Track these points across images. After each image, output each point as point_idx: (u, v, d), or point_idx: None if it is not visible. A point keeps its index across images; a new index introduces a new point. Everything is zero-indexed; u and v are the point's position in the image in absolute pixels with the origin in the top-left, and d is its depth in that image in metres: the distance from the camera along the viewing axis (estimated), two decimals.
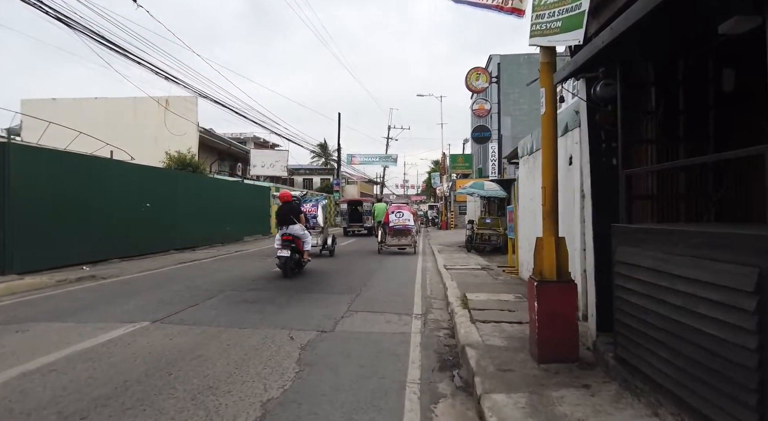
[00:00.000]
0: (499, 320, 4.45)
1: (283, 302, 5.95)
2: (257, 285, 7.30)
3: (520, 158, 7.28)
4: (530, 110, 34.75)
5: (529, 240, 6.63)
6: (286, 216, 8.48)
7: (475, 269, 9.01)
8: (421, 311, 5.51)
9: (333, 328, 4.66)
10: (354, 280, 7.90)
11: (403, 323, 4.91)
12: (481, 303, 5.31)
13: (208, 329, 4.59)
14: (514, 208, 8.54)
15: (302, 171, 45.59)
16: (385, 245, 13.14)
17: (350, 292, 6.71)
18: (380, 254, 12.87)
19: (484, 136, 17.65)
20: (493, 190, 13.19)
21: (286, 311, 5.43)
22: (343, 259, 11.93)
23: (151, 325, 4.77)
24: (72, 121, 17.11)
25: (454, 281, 7.30)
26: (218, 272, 9.07)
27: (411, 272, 9.06)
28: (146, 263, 10.37)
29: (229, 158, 29.61)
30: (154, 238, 12.29)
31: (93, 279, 8.10)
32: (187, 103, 22.13)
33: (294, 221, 8.42)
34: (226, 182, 18.53)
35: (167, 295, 6.47)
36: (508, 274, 8.14)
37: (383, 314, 5.29)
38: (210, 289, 6.91)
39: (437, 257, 11.33)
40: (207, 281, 7.80)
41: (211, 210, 15.48)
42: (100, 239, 10.40)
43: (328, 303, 5.88)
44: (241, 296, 6.31)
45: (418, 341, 4.25)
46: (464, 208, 28.90)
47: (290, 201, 8.76)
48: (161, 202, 12.69)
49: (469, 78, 16.31)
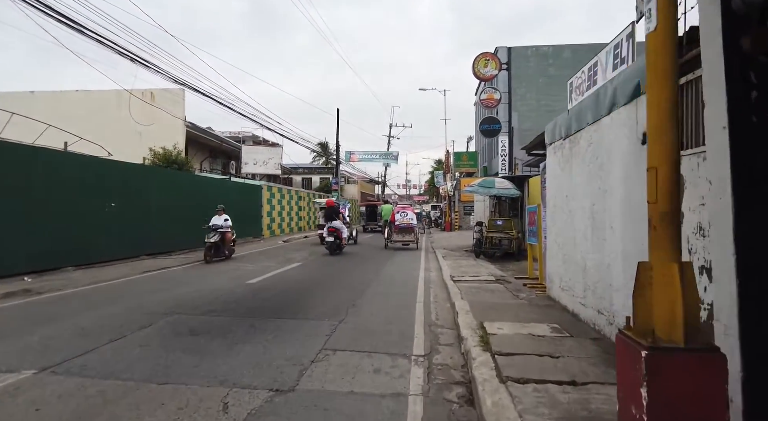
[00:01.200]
0: (543, 378, 2.94)
1: (240, 333, 4.47)
2: (218, 304, 5.82)
3: (548, 145, 5.78)
4: (538, 106, 33.19)
5: (563, 249, 5.13)
6: (329, 215, 13.04)
7: (488, 281, 7.50)
8: (423, 349, 4.01)
9: (295, 384, 3.18)
10: (342, 295, 6.41)
11: (398, 373, 3.41)
12: (507, 341, 3.81)
13: (110, 386, 3.12)
14: (537, 208, 7.03)
15: (301, 170, 44.10)
16: (391, 241, 14.51)
17: (333, 315, 5.22)
18: (386, 249, 14.33)
19: (494, 128, 16.11)
20: (505, 188, 11.67)
21: (238, 349, 3.94)
22: (343, 259, 10.49)
23: (33, 377, 3.30)
24: (50, 115, 15.76)
25: (465, 299, 5.81)
26: (181, 284, 7.59)
27: (412, 285, 7.56)
28: (105, 272, 8.92)
29: (221, 156, 28.17)
30: (122, 242, 10.81)
31: (25, 294, 6.65)
32: (174, 96, 20.70)
33: (335, 218, 12.96)
34: (210, 180, 17.06)
35: (95, 320, 5.00)
36: (531, 289, 6.64)
37: (371, 356, 3.79)
38: (155, 311, 5.44)
39: (442, 265, 9.83)
40: (159, 298, 6.33)
41: (192, 211, 13.96)
42: (51, 243, 8.96)
43: (299, 335, 4.39)
44: (189, 324, 4.83)
45: (420, 413, 2.76)
46: (469, 208, 27.38)
47: (333, 205, 13.73)
48: (130, 201, 11.22)
49: (477, 64, 14.75)
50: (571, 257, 4.84)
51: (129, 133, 20.18)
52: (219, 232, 10.91)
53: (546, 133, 5.95)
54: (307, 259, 11.67)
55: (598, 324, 4.03)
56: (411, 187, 73.34)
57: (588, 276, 4.33)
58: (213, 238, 10.73)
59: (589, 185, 4.26)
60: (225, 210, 11.43)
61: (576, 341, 3.81)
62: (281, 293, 6.72)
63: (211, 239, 10.63)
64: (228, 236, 11.24)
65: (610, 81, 3.73)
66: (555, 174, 5.50)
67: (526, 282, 7.20)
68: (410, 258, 12.04)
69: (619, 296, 3.61)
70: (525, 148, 9.03)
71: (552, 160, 5.63)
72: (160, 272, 9.22)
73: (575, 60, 31.18)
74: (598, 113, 4.00)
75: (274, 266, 10.08)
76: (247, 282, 7.70)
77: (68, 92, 21.56)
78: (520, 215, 12.34)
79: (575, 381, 2.87)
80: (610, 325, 3.77)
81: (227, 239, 11.21)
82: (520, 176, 13.09)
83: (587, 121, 4.29)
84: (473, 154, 33.47)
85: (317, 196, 31.62)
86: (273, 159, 25.24)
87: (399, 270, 9.53)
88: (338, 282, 7.79)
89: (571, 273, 4.85)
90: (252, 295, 6.53)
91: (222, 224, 11.09)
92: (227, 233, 11.19)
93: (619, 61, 6.79)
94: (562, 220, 5.17)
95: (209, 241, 10.59)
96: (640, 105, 3.22)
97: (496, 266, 9.79)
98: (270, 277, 8.37)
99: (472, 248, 12.57)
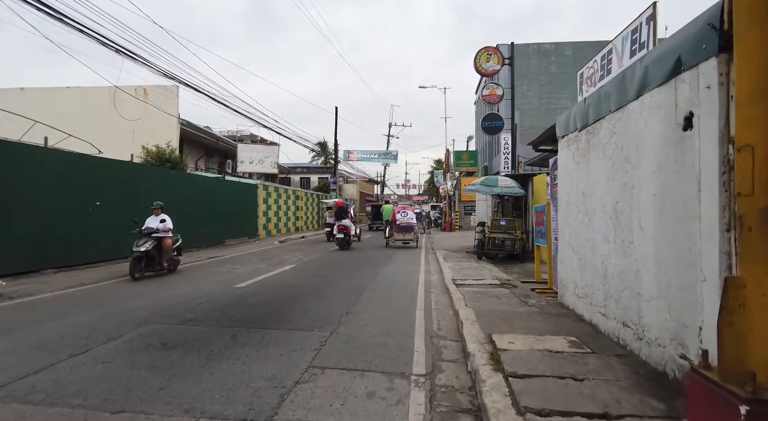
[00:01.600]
0: (569, 409, 2.45)
1: (219, 346, 3.98)
2: (200, 312, 5.32)
3: (561, 139, 5.29)
4: (539, 104, 32.77)
5: (578, 252, 4.64)
6: (340, 214, 14.80)
7: (492, 285, 7.02)
8: (424, 367, 3.52)
9: (273, 413, 2.69)
10: (336, 301, 5.92)
11: (396, 399, 2.93)
12: (521, 359, 3.32)
13: (53, 417, 2.64)
14: (546, 207, 6.54)
15: (299, 169, 43.59)
16: (392, 240, 15.20)
17: (324, 324, 4.73)
18: (387, 247, 14.90)
19: (496, 125, 15.61)
20: (509, 187, 11.17)
21: (213, 367, 3.45)
22: (340, 260, 10.00)
23: None
24: (41, 113, 15.29)
25: (470, 306, 5.32)
26: (166, 288, 7.11)
27: (411, 289, 7.07)
28: (87, 275, 8.43)
29: (217, 155, 27.67)
30: (107, 243, 10.32)
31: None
32: (167, 93, 20.20)
33: (345, 217, 14.64)
34: (204, 179, 16.54)
35: (60, 331, 4.51)
36: (540, 294, 6.15)
37: (365, 376, 3.30)
38: (129, 319, 4.95)
39: (443, 267, 9.34)
40: (139, 304, 5.84)
41: (184, 210, 13.48)
42: (30, 245, 8.48)
43: (284, 349, 3.90)
44: (163, 335, 4.34)
45: None
46: (470, 208, 26.89)
47: (342, 206, 15.41)
48: (117, 200, 10.74)
49: (479, 59, 14.27)
50: (589, 262, 4.36)
51: (122, 130, 19.68)
52: (153, 238, 8.33)
53: (558, 126, 5.46)
54: (302, 260, 11.18)
55: (624, 338, 3.54)
56: (410, 187, 72.93)
57: (610, 283, 3.85)
58: (144, 246, 8.04)
59: (612, 181, 3.78)
60: (164, 208, 8.99)
61: (600, 358, 3.32)
62: (270, 298, 6.22)
63: (140, 247, 8.01)
64: (167, 243, 8.61)
65: (639, 60, 3.25)
66: (568, 170, 5.01)
67: (533, 287, 6.71)
68: (410, 259, 11.56)
69: (650, 307, 3.13)
70: (532, 144, 8.54)
71: (565, 154, 5.14)
72: (147, 274, 8.72)
73: (577, 57, 30.75)
74: (624, 98, 3.52)
75: (266, 268, 9.59)
76: (235, 286, 7.21)
77: (60, 89, 21.05)
78: (524, 215, 11.86)
79: (608, 414, 2.38)
80: (638, 340, 3.28)
81: (166, 247, 8.57)
82: (523, 175, 12.60)
83: (609, 109, 3.81)
84: (474, 153, 32.99)
85: (321, 196, 31.20)
86: (269, 158, 24.73)
87: (398, 272, 9.04)
88: (333, 286, 7.30)
89: (589, 279, 4.37)
90: (238, 300, 6.04)
91: (158, 226, 8.52)
92: (166, 239, 8.59)
93: (637, 47, 6.33)
94: (578, 220, 4.68)
95: (137, 250, 7.99)
96: (680, 85, 2.74)
97: (499, 268, 9.30)
98: (260, 280, 7.88)
99: (473, 249, 12.09)
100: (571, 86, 31.03)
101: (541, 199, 9.85)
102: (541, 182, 10.36)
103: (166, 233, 8.61)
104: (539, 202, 9.57)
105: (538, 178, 10.75)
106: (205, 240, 14.72)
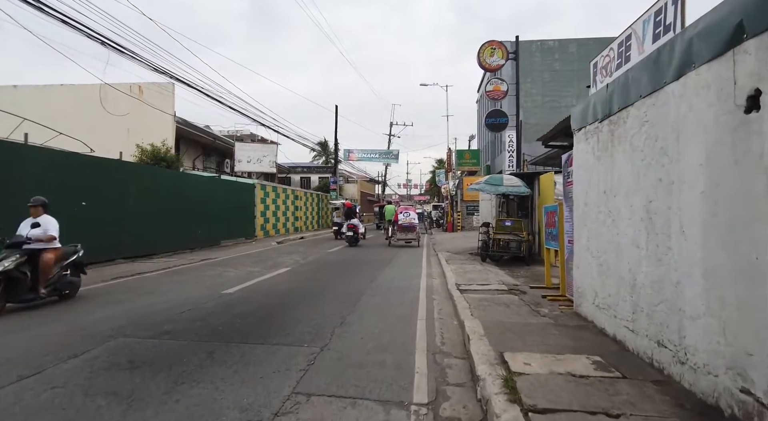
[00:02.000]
0: None
1: (192, 365, 3.48)
2: (179, 322, 4.84)
3: (577, 132, 4.79)
4: (543, 102, 32.26)
5: (599, 257, 4.14)
6: (348, 215, 16.82)
7: (499, 290, 6.52)
8: (426, 393, 3.02)
9: None
10: (330, 309, 5.42)
11: None
12: (540, 387, 2.82)
13: None
14: (558, 207, 6.04)
15: (299, 169, 43.14)
16: (394, 239, 15.79)
17: (315, 338, 4.24)
18: (389, 246, 15.36)
19: (501, 122, 15.09)
20: (514, 186, 10.67)
21: (181, 393, 2.96)
22: (338, 263, 9.51)
23: None
24: (34, 110, 14.87)
25: (476, 316, 4.82)
26: (148, 294, 6.63)
27: (412, 295, 6.58)
28: None
29: (215, 154, 27.22)
30: (94, 245, 9.81)
31: None
32: (163, 91, 19.75)
33: (353, 216, 16.42)
34: (198, 178, 16.08)
35: (19, 346, 4.04)
36: (552, 301, 5.65)
37: (357, 406, 2.81)
38: (99, 331, 4.47)
39: (445, 270, 8.84)
40: (115, 312, 5.36)
41: (177, 210, 13.05)
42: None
43: (266, 369, 3.41)
44: (133, 351, 3.86)
45: None
46: (472, 208, 26.37)
47: (351, 207, 17.46)
48: (105, 200, 10.28)
49: (483, 53, 13.75)
50: (612, 269, 3.86)
51: (117, 129, 19.26)
52: (23, 251, 5.53)
53: (573, 118, 4.96)
54: (298, 263, 10.69)
55: (659, 360, 3.04)
56: (412, 186, 72.43)
57: (640, 295, 3.35)
58: (5, 264, 5.23)
59: (643, 177, 3.28)
60: (47, 206, 6.06)
61: (633, 385, 2.82)
62: (259, 306, 5.74)
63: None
64: (46, 259, 5.66)
65: (679, 34, 2.75)
66: (587, 165, 4.50)
67: (544, 293, 6.21)
68: (411, 261, 11.07)
69: (695, 327, 2.63)
70: (542, 139, 8.01)
71: (582, 148, 4.64)
72: (133, 279, 8.27)
73: (581, 54, 30.22)
74: (659, 80, 3.02)
75: (259, 271, 9.11)
76: (223, 292, 6.73)
77: (53, 86, 20.64)
78: (530, 215, 11.35)
79: None
80: (680, 364, 2.78)
81: (45, 264, 5.64)
82: (529, 173, 12.10)
83: (639, 94, 3.31)
84: (476, 152, 32.49)
85: (321, 196, 30.77)
86: (267, 157, 24.27)
87: (398, 276, 8.55)
88: (328, 291, 6.81)
89: (612, 288, 3.87)
90: (224, 309, 5.55)
91: (29, 233, 5.68)
92: (45, 253, 5.69)
93: (662, 30, 5.79)
94: (598, 221, 4.18)
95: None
96: (740, 57, 2.24)
97: (505, 271, 8.80)
98: (251, 285, 7.40)
99: (477, 251, 11.57)
100: (576, 84, 30.50)
101: (548, 199, 9.35)
102: (548, 181, 9.86)
103: (45, 244, 5.79)
104: (546, 202, 9.07)
105: (545, 177, 10.26)
106: (199, 241, 14.27)
